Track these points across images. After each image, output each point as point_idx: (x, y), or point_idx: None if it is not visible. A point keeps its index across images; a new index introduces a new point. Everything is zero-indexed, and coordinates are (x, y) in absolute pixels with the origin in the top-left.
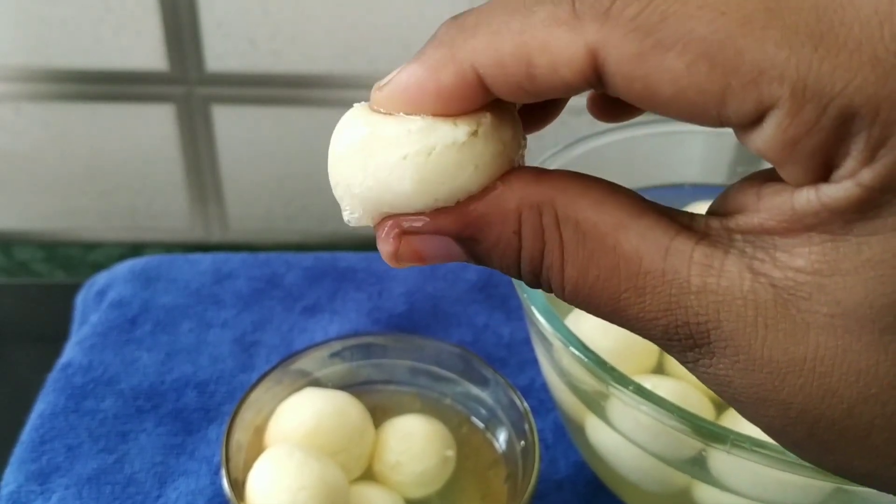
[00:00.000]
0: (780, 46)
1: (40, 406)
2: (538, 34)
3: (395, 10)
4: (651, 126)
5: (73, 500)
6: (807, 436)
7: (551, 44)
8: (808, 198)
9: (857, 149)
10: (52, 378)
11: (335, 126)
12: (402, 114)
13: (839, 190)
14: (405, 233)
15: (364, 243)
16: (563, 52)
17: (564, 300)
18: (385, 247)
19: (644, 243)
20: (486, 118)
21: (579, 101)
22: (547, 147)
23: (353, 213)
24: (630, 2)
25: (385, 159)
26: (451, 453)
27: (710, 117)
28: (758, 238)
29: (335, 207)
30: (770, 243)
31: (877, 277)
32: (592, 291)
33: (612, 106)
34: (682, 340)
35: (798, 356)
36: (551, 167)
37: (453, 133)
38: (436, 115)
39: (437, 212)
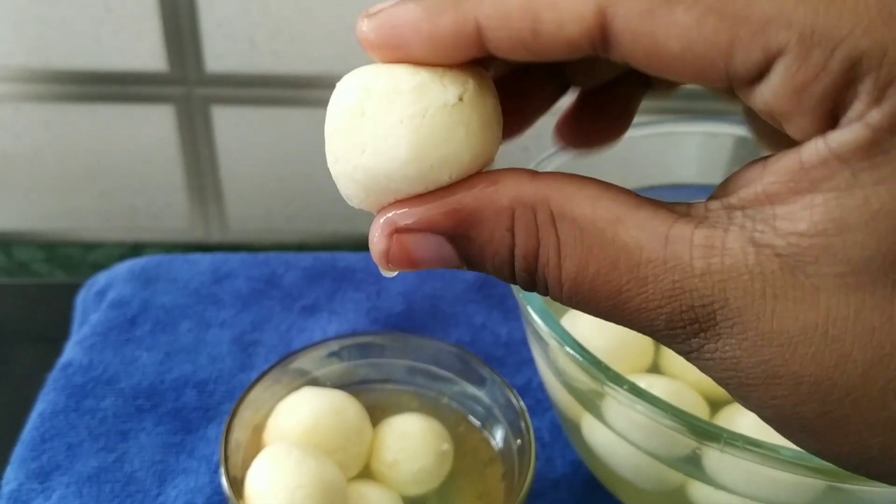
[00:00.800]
0: None
1: (41, 405)
2: None
3: None
4: (649, 127)
5: (73, 499)
6: (820, 413)
7: (559, 0)
8: (817, 147)
9: (864, 90)
10: (53, 377)
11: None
12: (387, 66)
13: (847, 133)
14: (398, 231)
15: (363, 243)
16: (572, 7)
17: (561, 300)
18: (377, 246)
19: (643, 234)
20: (470, 84)
21: None
22: (545, 147)
23: (349, 190)
24: None
25: (381, 123)
26: (447, 447)
27: (718, 71)
28: (757, 211)
29: (334, 207)
30: (770, 213)
31: (889, 228)
32: (593, 286)
33: (581, 128)
34: (686, 327)
35: (809, 323)
36: (549, 167)
37: (444, 95)
38: (420, 61)
39: (431, 203)
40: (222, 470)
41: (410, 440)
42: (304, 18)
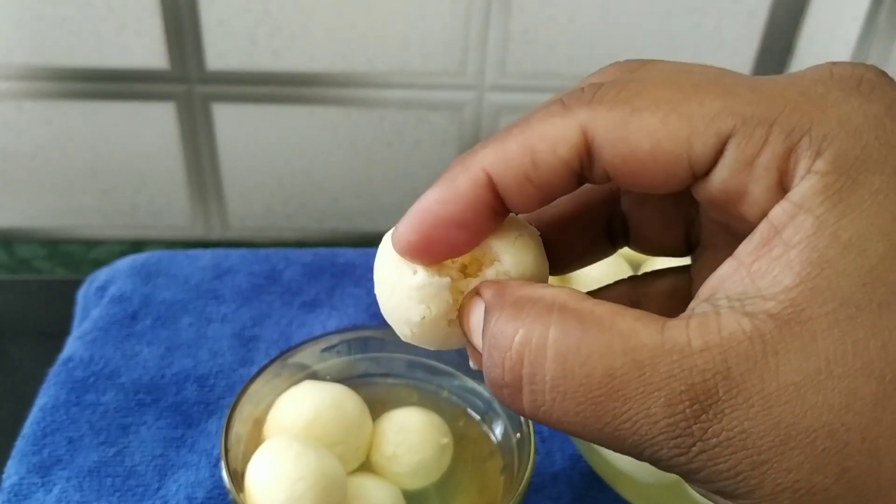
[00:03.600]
0: (727, 95)
1: (42, 399)
2: (537, 128)
3: (393, 9)
4: None
5: (74, 493)
6: (838, 474)
7: (549, 131)
8: (782, 206)
9: (804, 152)
10: (54, 372)
11: (335, 126)
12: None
13: (803, 185)
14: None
15: (362, 241)
16: (560, 133)
17: (544, 395)
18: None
19: (640, 323)
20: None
21: None
22: None
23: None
24: (609, 88)
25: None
26: (446, 440)
27: (682, 162)
28: (743, 293)
29: (334, 205)
30: (753, 288)
31: (860, 253)
32: (583, 371)
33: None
34: (686, 411)
35: (812, 369)
36: None
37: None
38: (459, 225)
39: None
40: (223, 463)
41: (410, 434)
42: (305, 16)
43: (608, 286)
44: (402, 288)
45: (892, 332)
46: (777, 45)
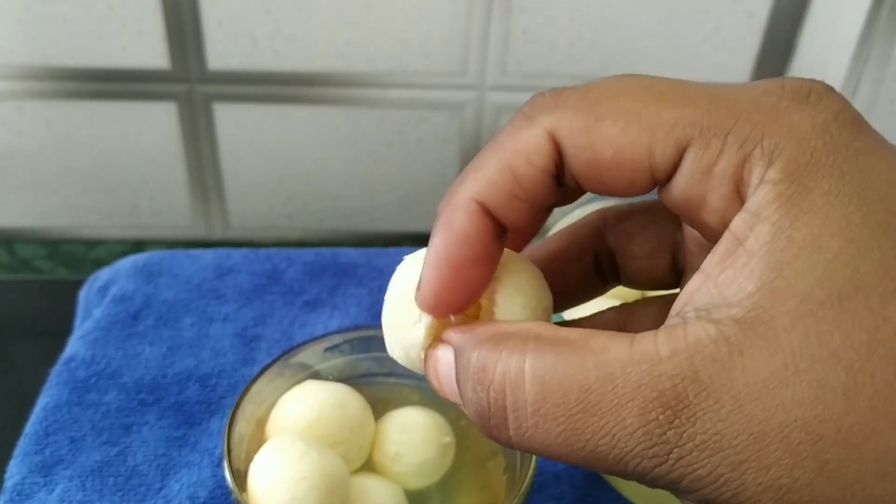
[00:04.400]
0: (686, 106)
1: (44, 399)
2: (508, 145)
3: (394, 9)
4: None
5: (76, 492)
6: (818, 468)
7: (520, 145)
8: (741, 217)
9: (756, 161)
10: (56, 372)
11: (337, 127)
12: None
13: (759, 195)
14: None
15: (363, 240)
16: (531, 143)
17: (527, 418)
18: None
19: (611, 340)
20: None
21: None
22: None
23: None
24: (570, 95)
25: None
26: (448, 439)
27: (643, 170)
28: (709, 304)
29: (335, 205)
30: (720, 298)
31: (815, 251)
32: (560, 390)
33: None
34: (659, 417)
35: (779, 365)
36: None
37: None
38: (474, 259)
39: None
40: (225, 463)
41: (413, 433)
42: (305, 16)
43: (596, 314)
44: (402, 339)
45: (854, 322)
46: (777, 45)
